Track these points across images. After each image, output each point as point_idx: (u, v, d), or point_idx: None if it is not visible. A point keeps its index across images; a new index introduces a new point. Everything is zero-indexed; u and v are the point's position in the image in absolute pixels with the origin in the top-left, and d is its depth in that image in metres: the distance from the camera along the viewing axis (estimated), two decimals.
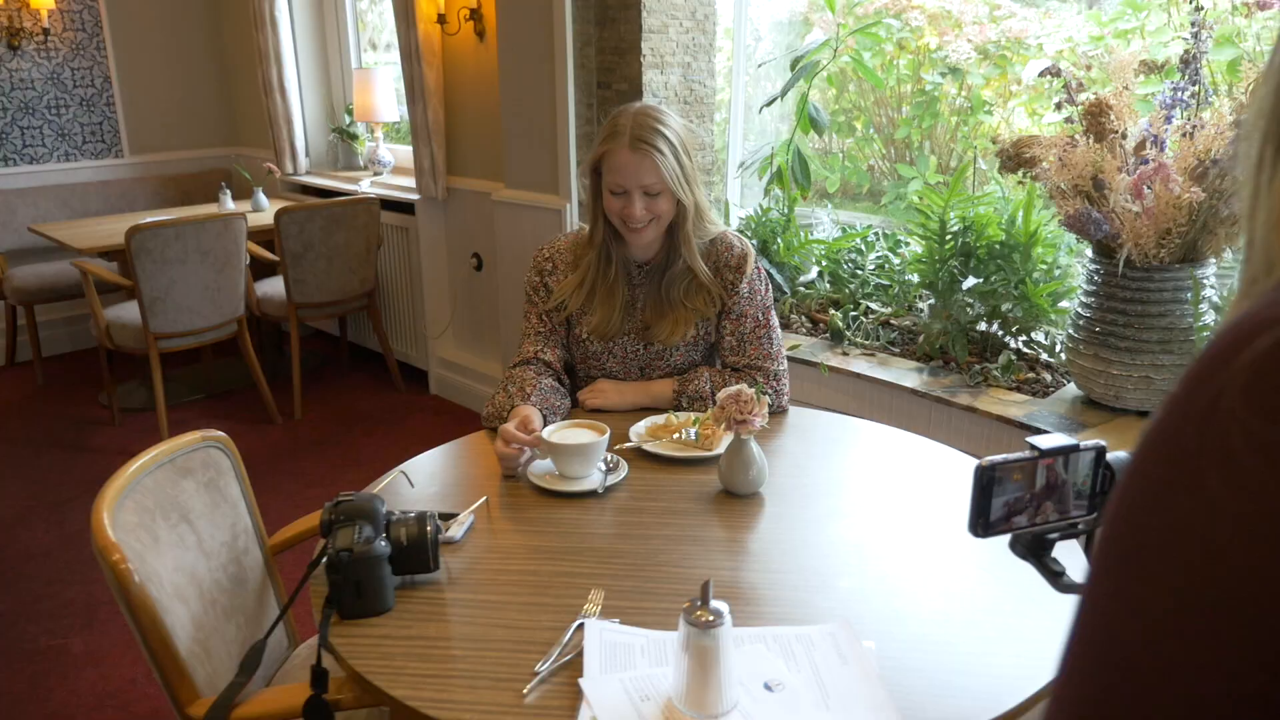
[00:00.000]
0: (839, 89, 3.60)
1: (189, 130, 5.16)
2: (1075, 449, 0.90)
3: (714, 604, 0.99)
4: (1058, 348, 2.51)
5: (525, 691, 1.03)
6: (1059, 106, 2.17)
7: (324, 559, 1.18)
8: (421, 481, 1.55)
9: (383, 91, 4.27)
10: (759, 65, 3.47)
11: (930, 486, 1.55)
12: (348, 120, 4.70)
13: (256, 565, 1.58)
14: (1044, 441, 0.90)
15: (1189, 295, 2.06)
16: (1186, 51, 2.05)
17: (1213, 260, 2.08)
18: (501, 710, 1.01)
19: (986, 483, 0.88)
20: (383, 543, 1.19)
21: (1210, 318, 2.07)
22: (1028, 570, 1.29)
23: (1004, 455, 0.89)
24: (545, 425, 1.60)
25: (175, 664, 1.23)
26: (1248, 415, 0.29)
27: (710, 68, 3.29)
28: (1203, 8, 2.15)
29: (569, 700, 1.02)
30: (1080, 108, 2.12)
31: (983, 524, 0.90)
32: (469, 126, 3.82)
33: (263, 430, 3.85)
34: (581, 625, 1.14)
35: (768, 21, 3.71)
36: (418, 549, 1.22)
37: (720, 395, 1.48)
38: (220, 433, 1.56)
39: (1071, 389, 2.37)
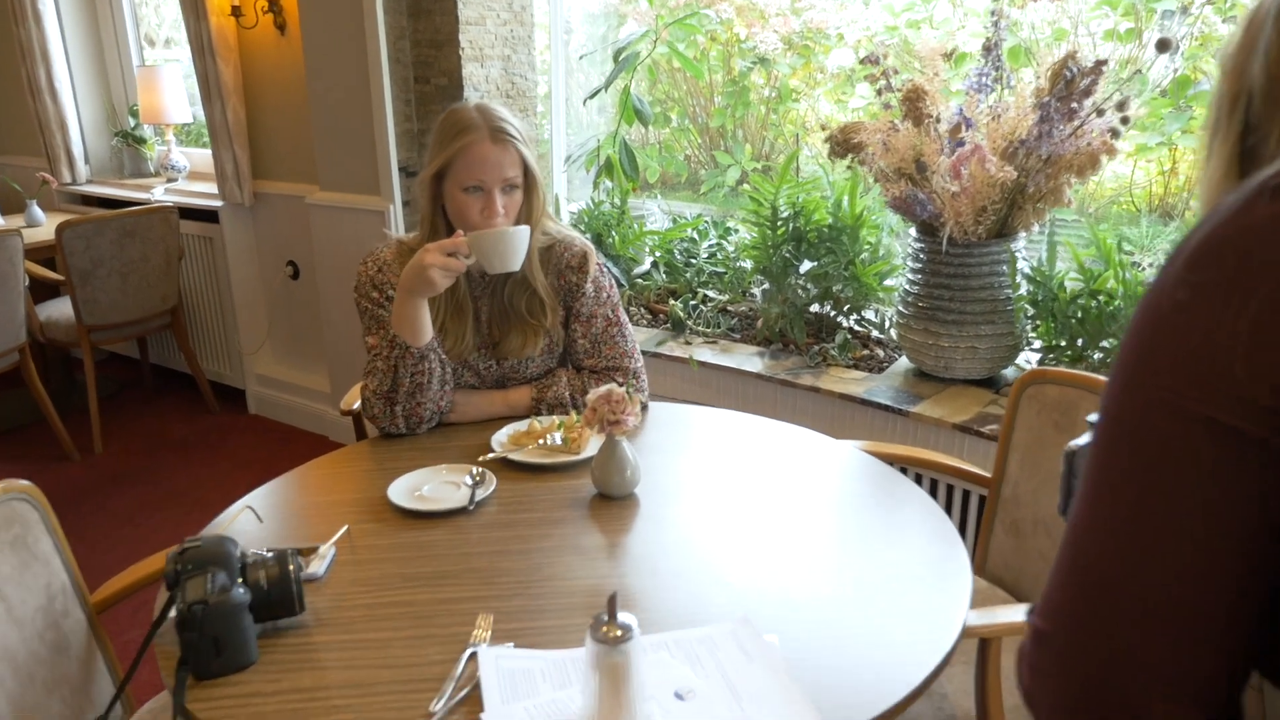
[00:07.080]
0: (652, 80, 3.63)
1: None
2: None
3: (621, 617, 0.94)
4: (887, 324, 2.63)
5: None
6: (880, 93, 2.26)
7: (173, 616, 1.05)
8: (269, 514, 1.42)
9: (171, 90, 3.93)
10: (580, 58, 3.44)
11: (796, 469, 1.56)
12: (133, 123, 4.30)
13: (79, 628, 1.40)
14: None
15: (1005, 268, 2.19)
16: (988, 39, 2.18)
17: (1023, 234, 2.23)
18: None
19: (1076, 464, 0.89)
20: (241, 590, 1.07)
21: (1025, 288, 2.22)
22: (907, 543, 1.33)
23: (1083, 438, 0.89)
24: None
25: None
26: (1186, 272, 0.56)
27: (531, 60, 3.22)
28: None
29: None
30: (899, 94, 2.21)
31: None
32: (275, 126, 3.58)
33: (59, 469, 3.47)
34: (474, 654, 1.07)
35: (580, 14, 3.68)
36: (281, 592, 1.10)
37: (589, 397, 1.43)
38: (25, 482, 1.37)
39: (904, 362, 2.48)
